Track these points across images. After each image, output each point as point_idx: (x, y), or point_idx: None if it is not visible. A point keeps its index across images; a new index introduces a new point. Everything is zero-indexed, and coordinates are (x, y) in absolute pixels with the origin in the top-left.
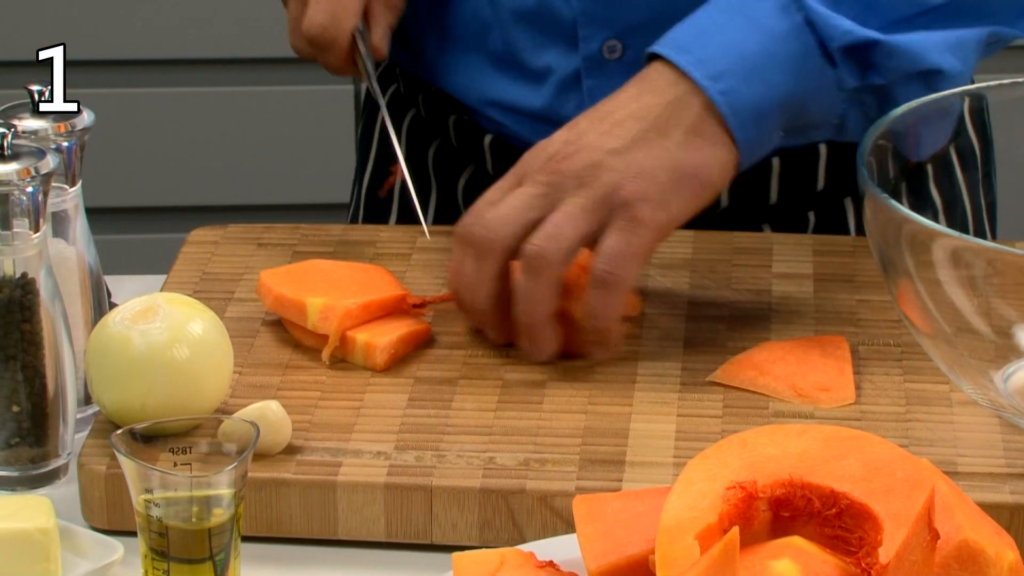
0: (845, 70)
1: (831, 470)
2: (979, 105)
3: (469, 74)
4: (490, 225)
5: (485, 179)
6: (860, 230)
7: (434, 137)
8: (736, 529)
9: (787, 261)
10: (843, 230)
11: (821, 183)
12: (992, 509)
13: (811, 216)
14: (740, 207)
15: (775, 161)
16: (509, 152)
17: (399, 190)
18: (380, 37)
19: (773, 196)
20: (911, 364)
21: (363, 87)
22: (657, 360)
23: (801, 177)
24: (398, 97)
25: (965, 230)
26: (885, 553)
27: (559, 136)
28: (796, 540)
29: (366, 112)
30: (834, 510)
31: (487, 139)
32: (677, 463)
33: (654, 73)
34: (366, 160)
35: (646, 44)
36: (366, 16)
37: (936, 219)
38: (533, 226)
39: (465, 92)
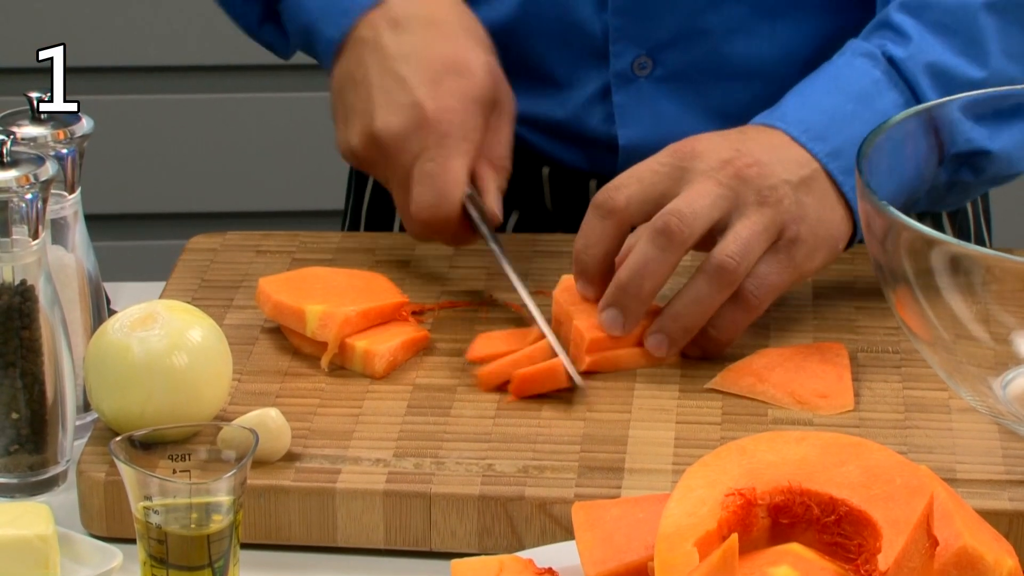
0: (945, 169)
1: (830, 477)
2: None
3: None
4: (687, 219)
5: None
6: None
7: None
8: (735, 536)
9: None
10: None
11: None
12: (991, 516)
13: None
14: None
15: None
16: (525, 165)
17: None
18: (492, 201)
19: None
20: (910, 371)
21: None
22: (656, 367)
23: None
24: None
25: (967, 233)
26: (884, 560)
27: (721, 140)
28: (795, 547)
29: None
30: (833, 517)
31: None
32: (676, 470)
33: (786, 140)
34: (366, 175)
35: (675, 61)
36: (475, 181)
37: (940, 221)
38: (716, 227)
39: None
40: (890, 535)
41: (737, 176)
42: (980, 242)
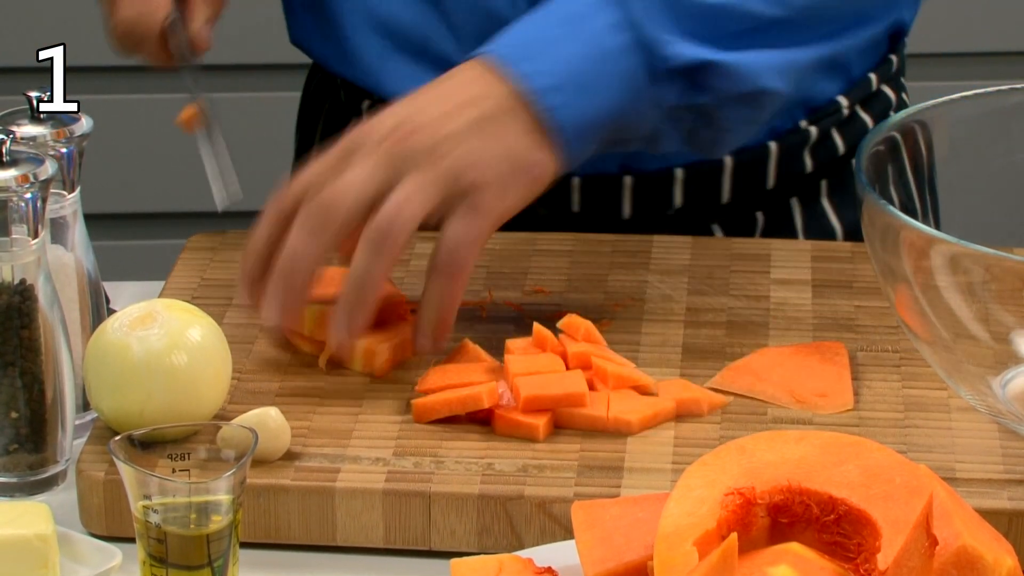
0: (668, 89)
1: (829, 476)
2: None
3: (414, 81)
4: (336, 195)
5: None
6: (808, 232)
7: None
8: (734, 535)
9: (785, 267)
10: (791, 231)
11: (771, 182)
12: (990, 515)
13: (760, 217)
14: (692, 207)
15: (728, 160)
16: None
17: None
18: (198, 29)
19: (725, 195)
20: (909, 370)
21: None
22: (655, 366)
23: (753, 176)
24: (339, 107)
25: None
26: (883, 559)
27: (392, 112)
28: (794, 546)
29: (302, 106)
30: (832, 516)
31: None
32: (675, 469)
33: (486, 71)
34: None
35: None
36: (185, 9)
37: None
38: (372, 202)
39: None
40: (889, 534)
41: (395, 146)
42: None
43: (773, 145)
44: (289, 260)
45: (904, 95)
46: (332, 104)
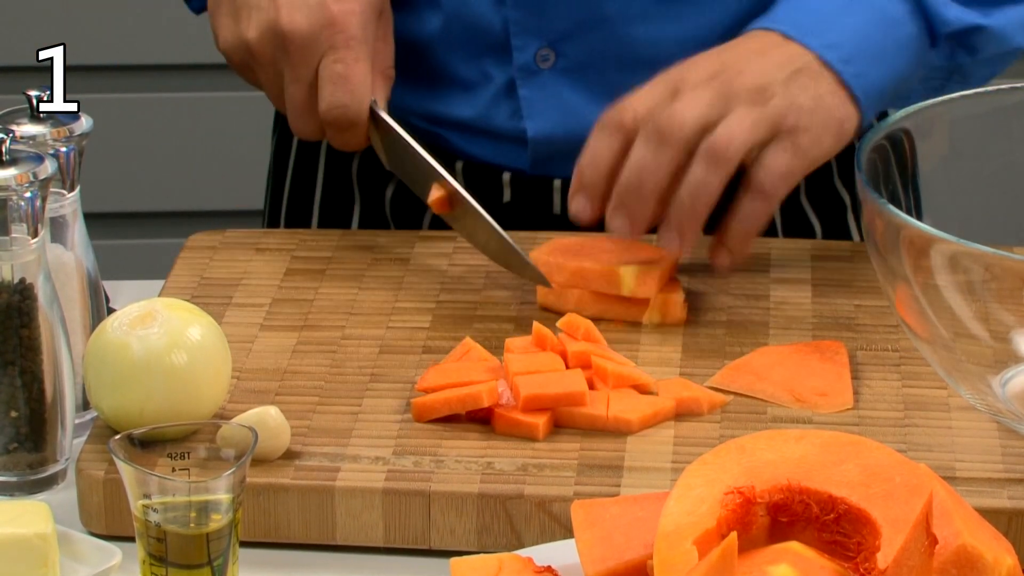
0: (939, 52)
1: (829, 475)
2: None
3: (397, 88)
4: (677, 116)
5: (411, 191)
6: (786, 231)
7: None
8: (734, 534)
9: (785, 266)
10: (770, 230)
11: None
12: (990, 514)
13: None
14: None
15: None
16: (438, 159)
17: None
18: (384, 108)
19: None
20: (909, 369)
21: None
22: (655, 365)
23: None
24: None
25: None
26: (883, 558)
27: (712, 58)
28: (794, 545)
29: (279, 115)
30: (832, 515)
31: None
32: (675, 468)
33: (784, 39)
34: (285, 165)
35: (578, 51)
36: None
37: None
38: (707, 126)
39: (392, 105)
40: (889, 533)
41: (726, 84)
42: None
43: None
44: (636, 173)
45: None
46: None
